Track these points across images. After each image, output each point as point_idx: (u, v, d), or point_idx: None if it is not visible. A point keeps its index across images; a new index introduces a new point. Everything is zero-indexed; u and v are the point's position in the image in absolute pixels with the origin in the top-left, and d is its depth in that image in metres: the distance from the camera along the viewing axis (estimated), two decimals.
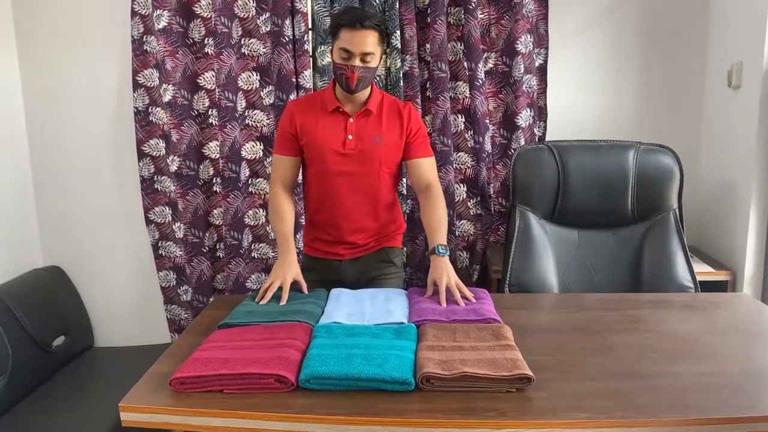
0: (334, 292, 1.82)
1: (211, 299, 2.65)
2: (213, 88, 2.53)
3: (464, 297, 1.70)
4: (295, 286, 1.78)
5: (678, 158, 2.13)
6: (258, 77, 2.55)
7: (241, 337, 1.49)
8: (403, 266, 2.61)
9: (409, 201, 2.64)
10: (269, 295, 1.72)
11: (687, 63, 2.67)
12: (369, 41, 1.77)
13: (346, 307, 1.69)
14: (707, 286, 2.18)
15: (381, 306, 1.69)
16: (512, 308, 1.76)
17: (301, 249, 2.37)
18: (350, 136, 1.88)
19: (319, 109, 1.92)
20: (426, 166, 1.95)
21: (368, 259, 2.02)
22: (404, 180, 2.57)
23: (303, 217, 2.52)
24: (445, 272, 1.73)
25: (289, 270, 1.80)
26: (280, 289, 1.75)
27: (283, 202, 1.93)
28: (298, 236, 2.59)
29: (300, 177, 2.05)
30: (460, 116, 2.63)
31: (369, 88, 1.90)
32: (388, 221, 2.02)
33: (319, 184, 1.94)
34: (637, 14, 2.64)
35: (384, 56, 1.89)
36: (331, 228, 1.98)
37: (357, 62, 1.78)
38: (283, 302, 1.71)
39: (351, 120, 1.89)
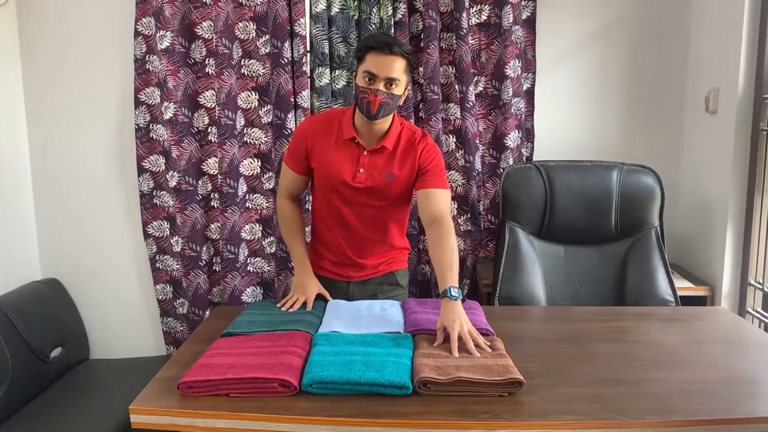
0: (332, 303, 1.87)
1: (207, 312, 2.69)
2: (213, 106, 2.60)
3: (477, 346, 1.50)
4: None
5: (659, 178, 2.23)
6: (257, 97, 2.62)
7: (244, 345, 1.54)
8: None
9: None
10: (297, 306, 1.81)
11: (667, 88, 2.77)
12: (396, 66, 1.72)
13: (344, 317, 1.74)
14: (687, 301, 2.25)
15: (378, 316, 1.75)
16: (502, 320, 1.82)
17: None
18: (361, 170, 1.85)
19: (335, 135, 1.87)
20: (437, 197, 1.83)
21: (377, 282, 2.02)
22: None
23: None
24: (458, 320, 1.53)
25: (310, 285, 1.86)
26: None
27: (292, 212, 1.99)
28: None
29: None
30: (451, 136, 2.72)
31: (389, 121, 1.85)
32: (397, 245, 2.02)
33: (328, 209, 1.94)
34: (619, 42, 2.75)
35: (408, 87, 1.82)
36: (339, 251, 1.98)
37: (381, 86, 1.72)
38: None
39: (365, 153, 1.85)
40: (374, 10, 2.56)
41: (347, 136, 1.85)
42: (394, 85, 1.74)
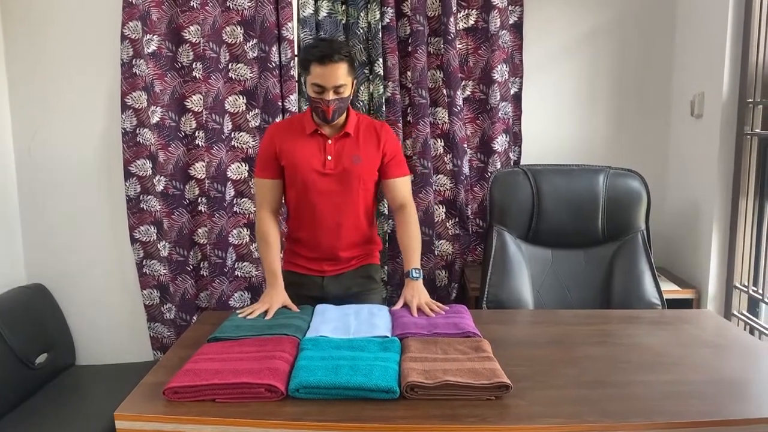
0: (320, 307, 1.87)
1: (195, 317, 2.68)
2: (200, 110, 2.60)
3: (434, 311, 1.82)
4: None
5: (645, 182, 2.24)
6: (244, 101, 2.62)
7: (230, 350, 1.53)
8: (382, 281, 2.68)
9: (390, 221, 2.71)
10: (255, 314, 1.79)
11: (653, 93, 2.79)
12: (340, 74, 1.83)
13: (332, 321, 1.74)
14: (673, 304, 2.26)
15: (365, 320, 1.74)
16: (490, 323, 1.82)
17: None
18: (329, 157, 1.95)
19: (299, 131, 1.98)
20: (400, 186, 2.03)
21: (350, 276, 2.07)
22: (386, 201, 2.65)
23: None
24: (416, 294, 1.86)
25: (277, 297, 1.87)
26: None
27: (270, 228, 2.00)
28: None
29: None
30: (439, 140, 2.73)
31: (345, 113, 1.97)
32: (368, 239, 2.08)
33: (301, 204, 1.99)
34: (606, 46, 2.77)
35: (355, 81, 1.96)
36: (314, 245, 2.02)
37: (331, 95, 1.84)
38: (269, 316, 1.79)
39: (329, 142, 1.96)
40: (362, 14, 2.57)
41: (310, 130, 1.97)
42: (342, 90, 1.86)
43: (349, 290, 2.06)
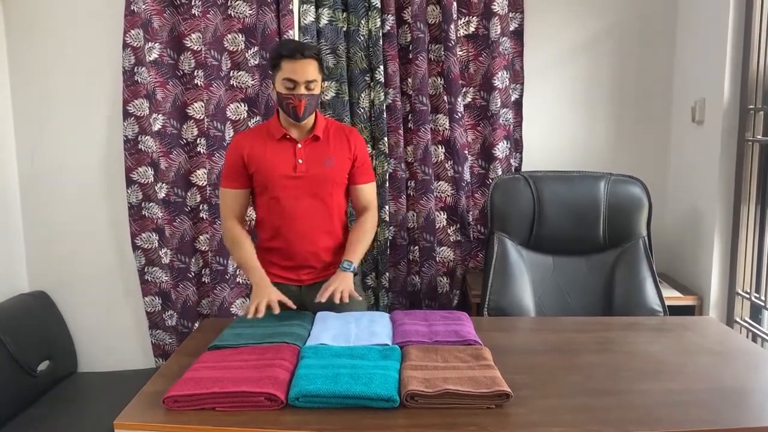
0: (320, 315, 1.87)
1: (196, 324, 2.68)
2: (202, 117, 2.60)
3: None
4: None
5: (646, 188, 2.24)
6: (246, 108, 2.63)
7: (231, 358, 1.53)
8: (384, 289, 2.67)
9: (392, 228, 2.72)
10: (262, 308, 1.76)
11: (654, 99, 2.79)
12: (311, 70, 1.85)
13: (332, 329, 1.74)
14: (675, 311, 2.25)
15: (366, 328, 1.74)
16: (491, 331, 1.82)
17: None
18: (300, 161, 1.93)
19: (266, 137, 1.96)
20: (366, 191, 2.05)
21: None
22: (386, 207, 2.66)
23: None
24: (339, 283, 1.85)
25: (272, 291, 1.83)
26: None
27: (239, 232, 1.97)
28: None
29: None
30: (440, 147, 2.73)
31: (314, 115, 1.96)
32: (343, 245, 2.03)
33: (273, 211, 1.96)
34: (607, 53, 2.77)
35: (324, 82, 1.96)
36: (289, 253, 1.98)
37: (302, 90, 1.85)
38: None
39: (299, 145, 1.94)
40: (362, 22, 2.57)
41: (278, 135, 1.95)
42: (313, 86, 1.87)
43: (328, 300, 1.94)
